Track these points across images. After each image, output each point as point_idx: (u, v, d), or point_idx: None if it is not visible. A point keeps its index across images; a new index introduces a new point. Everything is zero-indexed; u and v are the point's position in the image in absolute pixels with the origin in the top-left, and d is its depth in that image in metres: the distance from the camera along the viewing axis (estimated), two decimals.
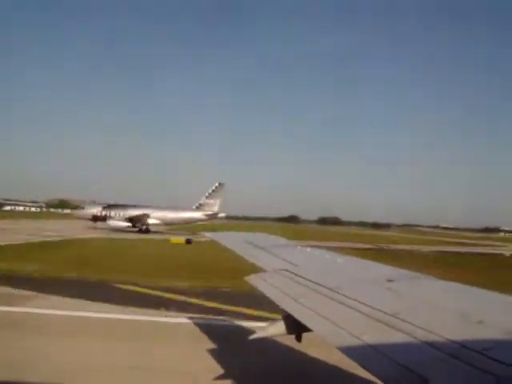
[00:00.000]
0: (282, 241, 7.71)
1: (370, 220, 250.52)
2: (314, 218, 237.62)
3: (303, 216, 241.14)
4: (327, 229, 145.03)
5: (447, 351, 2.41)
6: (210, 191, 69.21)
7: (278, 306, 4.01)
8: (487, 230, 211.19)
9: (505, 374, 2.11)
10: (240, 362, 9.28)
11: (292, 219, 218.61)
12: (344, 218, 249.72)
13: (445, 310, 3.14)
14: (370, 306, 3.31)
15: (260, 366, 9.19)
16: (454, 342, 2.49)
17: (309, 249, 6.59)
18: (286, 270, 4.92)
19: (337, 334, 3.00)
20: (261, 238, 7.97)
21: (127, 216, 62.27)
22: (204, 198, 69.12)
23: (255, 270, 5.31)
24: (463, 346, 2.43)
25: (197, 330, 11.67)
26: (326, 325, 3.22)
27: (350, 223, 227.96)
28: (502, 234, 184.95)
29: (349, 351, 2.73)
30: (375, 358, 2.55)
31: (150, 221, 64.17)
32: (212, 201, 68.69)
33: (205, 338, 10.90)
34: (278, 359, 9.52)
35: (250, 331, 4.90)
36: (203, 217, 68.00)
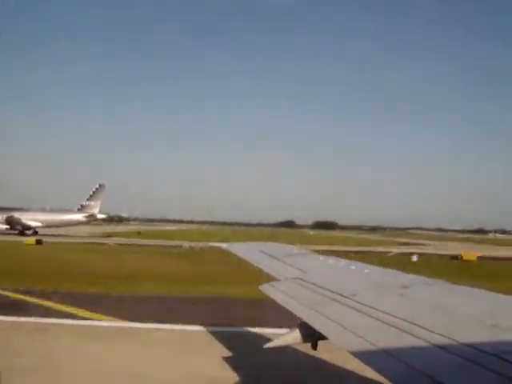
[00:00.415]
0: (295, 249, 7.74)
1: (374, 224, 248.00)
2: (310, 222, 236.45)
3: (298, 221, 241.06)
4: (310, 233, 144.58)
5: (464, 356, 2.42)
6: (91, 193, 71.33)
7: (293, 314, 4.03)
8: (481, 231, 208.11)
9: None
10: (256, 371, 9.28)
11: (288, 224, 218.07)
12: (344, 222, 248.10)
13: (460, 314, 3.14)
14: (386, 313, 3.32)
15: (277, 375, 9.17)
16: (471, 347, 2.50)
17: (322, 257, 6.61)
18: (300, 279, 4.94)
19: (353, 341, 3.01)
20: (274, 247, 8.02)
21: (4, 219, 64.48)
22: (85, 199, 71.42)
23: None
24: (479, 350, 2.44)
25: (210, 337, 11.68)
26: (341, 332, 3.24)
27: (347, 227, 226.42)
28: (491, 235, 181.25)
29: (366, 358, 2.74)
30: (392, 364, 2.56)
31: (33, 223, 66.82)
32: (93, 202, 70.95)
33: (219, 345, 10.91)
34: (294, 368, 9.48)
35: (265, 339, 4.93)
36: (83, 219, 70.23)
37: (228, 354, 10.29)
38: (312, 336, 3.97)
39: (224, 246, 9.68)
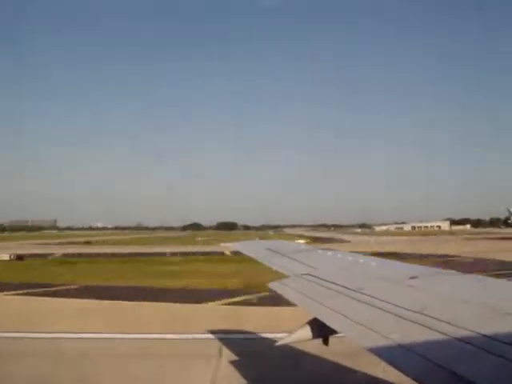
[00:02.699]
0: (302, 246, 7.74)
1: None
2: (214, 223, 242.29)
3: (205, 223, 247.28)
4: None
5: (477, 345, 2.40)
6: None
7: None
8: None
9: None
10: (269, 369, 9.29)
11: (195, 226, 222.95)
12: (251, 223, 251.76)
13: (471, 303, 3.13)
14: (396, 305, 3.31)
15: (289, 372, 9.19)
16: (484, 336, 2.48)
17: (329, 252, 6.60)
18: (308, 274, 4.94)
19: (365, 335, 3.00)
20: (281, 244, 8.04)
21: None
22: None
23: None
24: (493, 338, 2.42)
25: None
26: (352, 326, 3.23)
27: (251, 227, 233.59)
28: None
29: (378, 351, 2.73)
30: (405, 356, 2.55)
31: None
32: None
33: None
34: (306, 364, 9.48)
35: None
36: None
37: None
38: (323, 331, 3.96)
39: (231, 245, 9.68)
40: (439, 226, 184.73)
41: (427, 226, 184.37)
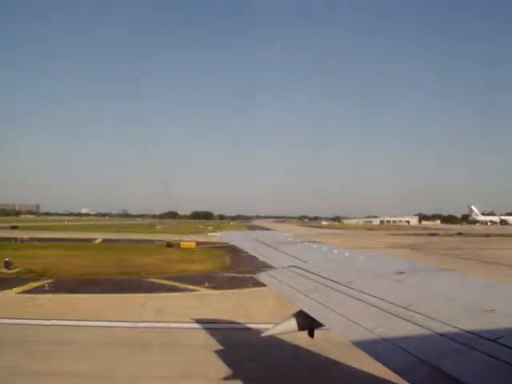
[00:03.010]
0: (290, 237, 7.73)
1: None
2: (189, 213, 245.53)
3: (181, 212, 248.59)
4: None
5: (461, 341, 2.42)
6: None
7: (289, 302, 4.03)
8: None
9: None
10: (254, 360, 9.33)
11: (171, 215, 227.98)
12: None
13: (456, 300, 3.15)
14: (382, 299, 3.32)
15: (274, 363, 9.24)
16: (468, 332, 2.50)
17: (316, 244, 6.60)
18: (295, 266, 4.93)
19: (350, 328, 3.01)
20: (269, 235, 7.99)
21: None
22: None
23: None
24: (477, 335, 2.44)
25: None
26: (338, 319, 3.23)
27: (226, 217, 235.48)
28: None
29: (363, 345, 2.74)
30: (390, 351, 2.56)
31: None
32: None
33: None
34: (292, 356, 9.54)
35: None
36: None
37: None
38: (308, 324, 3.97)
39: (219, 234, 9.67)
40: (408, 221, 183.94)
41: (396, 221, 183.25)
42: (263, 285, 4.87)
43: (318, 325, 3.65)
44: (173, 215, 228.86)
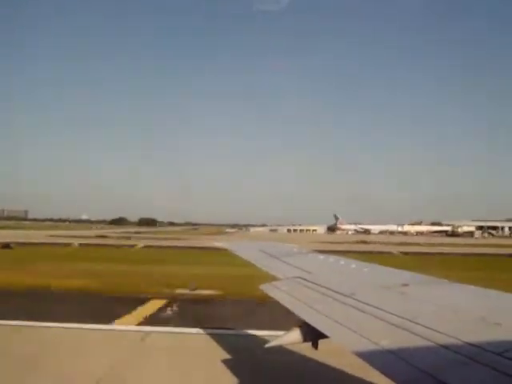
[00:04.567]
0: (295, 248, 7.73)
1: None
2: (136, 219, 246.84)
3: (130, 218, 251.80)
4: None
5: (466, 354, 2.41)
6: None
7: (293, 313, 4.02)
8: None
9: None
10: (257, 372, 9.27)
11: (119, 221, 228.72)
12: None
13: (461, 312, 3.14)
14: (387, 311, 3.32)
15: (277, 375, 9.17)
16: (473, 345, 2.49)
17: (322, 256, 6.60)
18: (300, 278, 4.93)
19: (355, 340, 3.00)
20: (274, 246, 8.01)
21: None
22: None
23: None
24: (482, 348, 2.43)
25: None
26: (343, 331, 3.23)
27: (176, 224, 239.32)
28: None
29: (368, 357, 2.73)
30: (395, 363, 2.55)
31: None
32: None
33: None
34: (294, 367, 9.47)
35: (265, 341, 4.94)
36: None
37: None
38: (313, 335, 3.96)
39: (223, 244, 9.67)
40: (315, 230, 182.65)
41: (303, 230, 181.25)
42: None
43: (323, 336, 3.64)
44: (120, 221, 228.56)
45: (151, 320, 14.27)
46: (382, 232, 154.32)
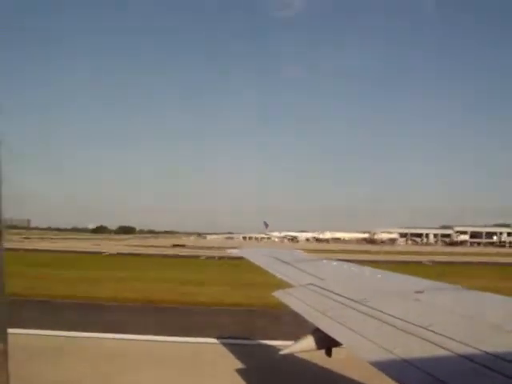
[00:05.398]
0: (308, 256, 7.73)
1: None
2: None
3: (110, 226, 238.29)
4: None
5: (482, 362, 2.39)
6: None
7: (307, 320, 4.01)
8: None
9: None
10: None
11: (99, 230, 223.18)
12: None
13: (476, 320, 3.11)
14: (401, 319, 3.30)
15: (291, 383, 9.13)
16: (488, 353, 2.46)
17: (335, 262, 6.59)
18: (313, 285, 4.93)
19: (368, 348, 2.98)
20: (287, 253, 8.03)
21: None
22: None
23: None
24: (497, 356, 2.40)
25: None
26: (356, 339, 3.21)
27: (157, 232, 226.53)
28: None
29: (382, 366, 2.71)
30: (409, 372, 2.53)
31: None
32: None
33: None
34: (308, 376, 9.41)
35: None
36: None
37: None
38: (326, 343, 3.94)
39: (236, 251, 9.71)
40: (269, 238, 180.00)
41: (258, 238, 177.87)
42: None
43: (336, 344, 3.63)
44: (101, 229, 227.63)
45: None
46: (307, 239, 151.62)
